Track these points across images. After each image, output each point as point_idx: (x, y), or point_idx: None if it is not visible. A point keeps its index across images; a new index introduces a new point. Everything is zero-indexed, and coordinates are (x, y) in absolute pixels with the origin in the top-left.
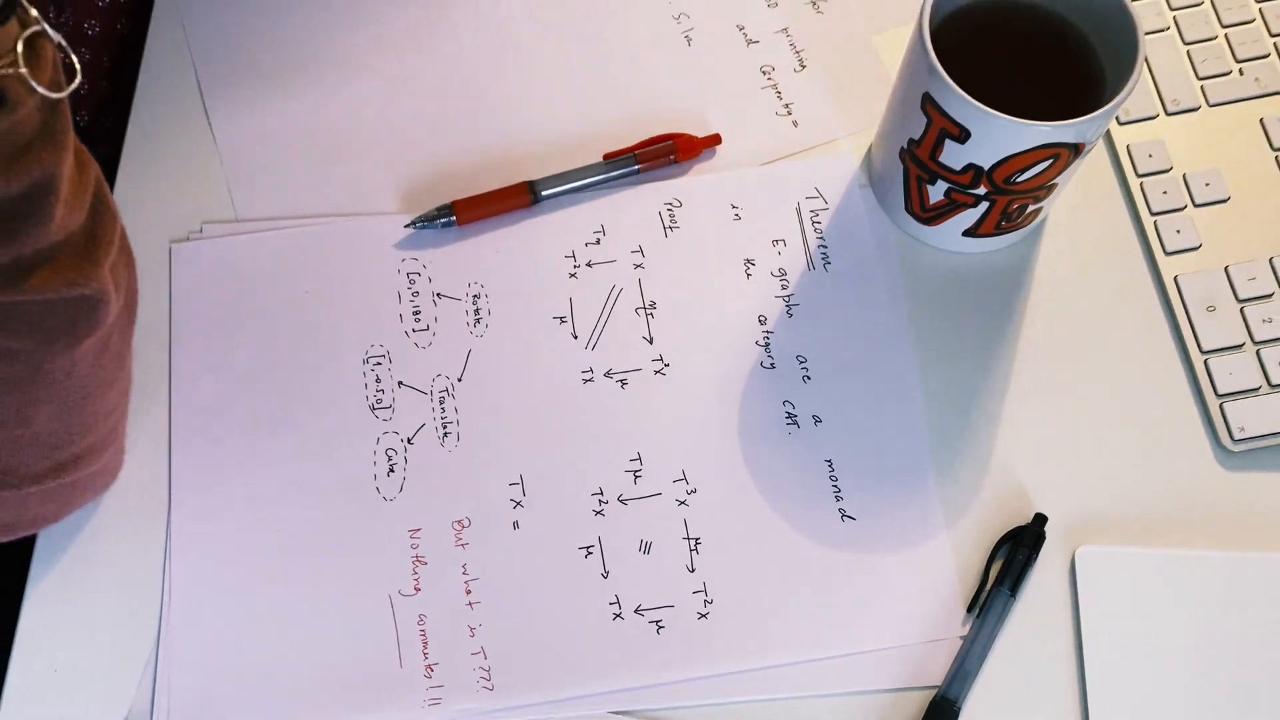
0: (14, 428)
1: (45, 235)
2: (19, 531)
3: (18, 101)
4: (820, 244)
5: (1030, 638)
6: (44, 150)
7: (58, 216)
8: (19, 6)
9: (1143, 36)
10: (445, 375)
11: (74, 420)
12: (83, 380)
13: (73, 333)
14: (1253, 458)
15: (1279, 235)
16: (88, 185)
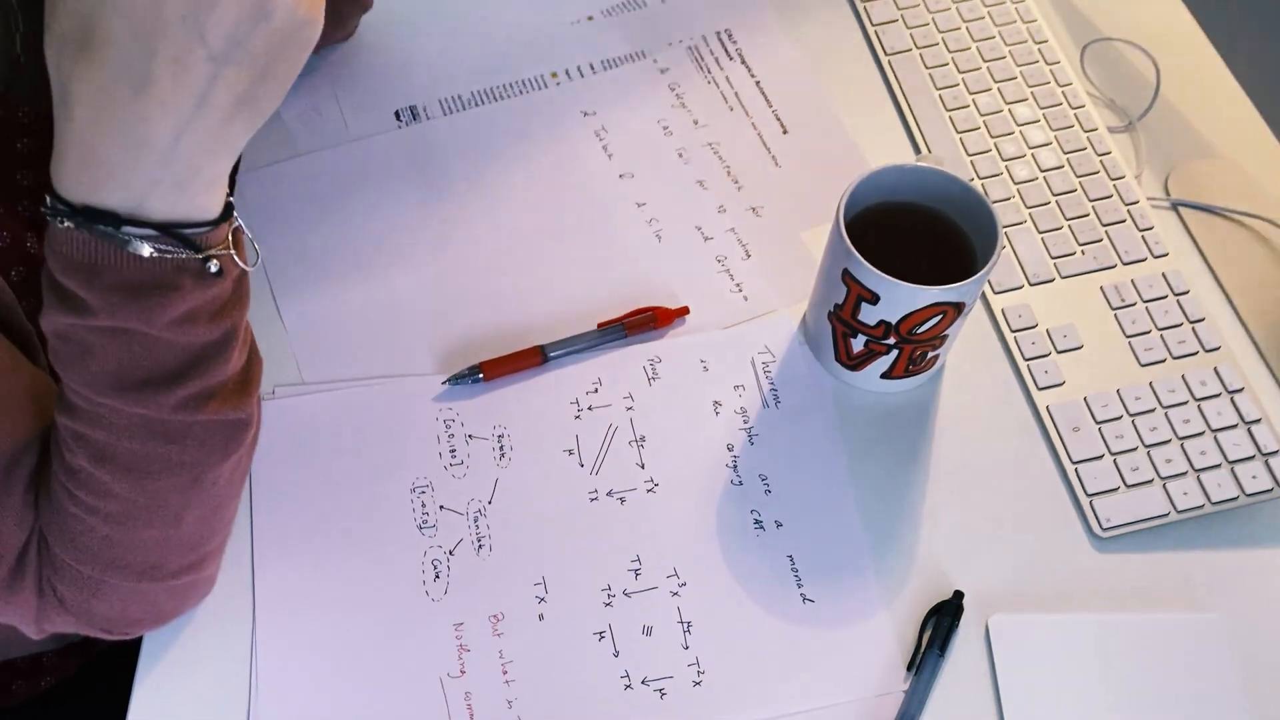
0: (170, 527)
1: (225, 371)
2: (144, 627)
3: (227, 273)
4: (771, 388)
5: (958, 687)
6: (235, 308)
7: (234, 357)
8: (232, 208)
9: (1002, 228)
10: (478, 499)
11: (210, 524)
12: (223, 490)
13: (225, 450)
14: (1118, 541)
15: (1122, 372)
16: (249, 334)
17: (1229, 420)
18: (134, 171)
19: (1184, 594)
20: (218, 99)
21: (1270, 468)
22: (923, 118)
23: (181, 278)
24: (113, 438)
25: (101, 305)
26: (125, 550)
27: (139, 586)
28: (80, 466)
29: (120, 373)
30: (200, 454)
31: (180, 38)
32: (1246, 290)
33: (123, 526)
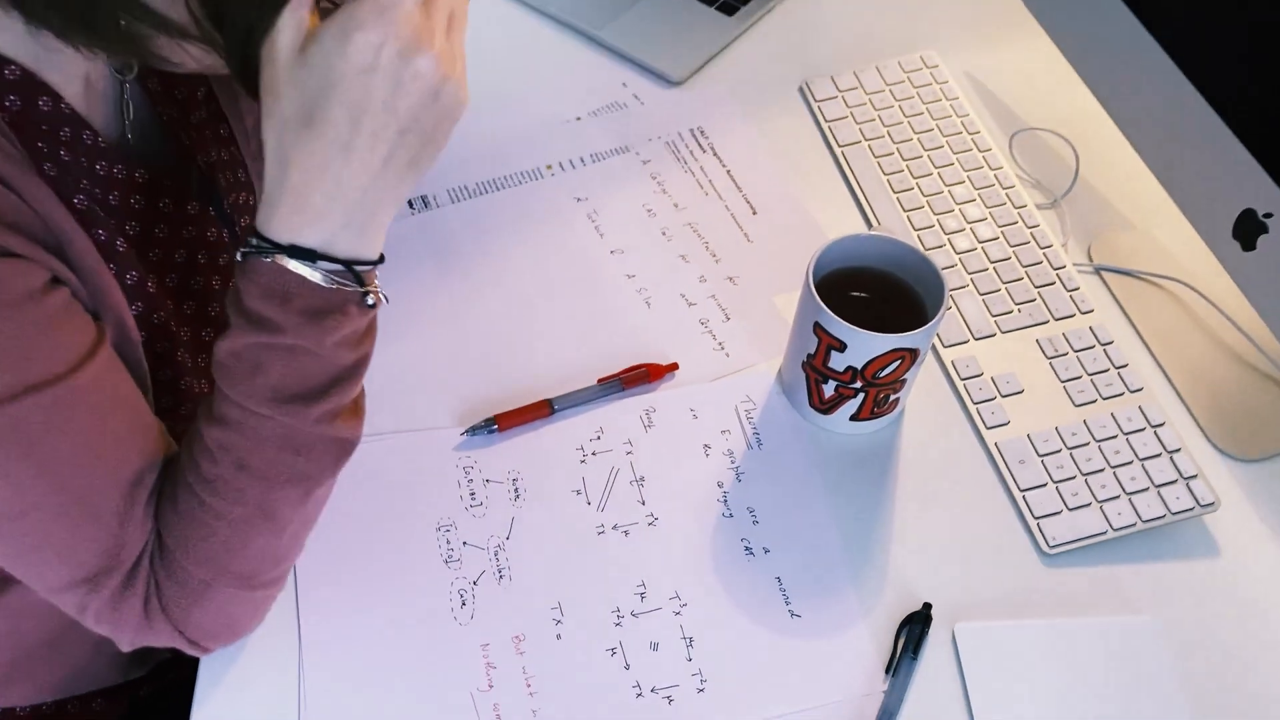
0: (274, 536)
1: (353, 392)
2: (223, 640)
3: (375, 306)
4: (754, 432)
5: (931, 686)
6: (368, 337)
7: (360, 382)
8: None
9: (947, 286)
10: (497, 535)
11: (298, 540)
12: (313, 509)
13: (334, 467)
14: (1064, 557)
15: (1059, 412)
16: None
17: (1153, 450)
18: (331, 217)
19: (1122, 600)
20: (397, 161)
21: (1190, 489)
22: (873, 198)
23: (349, 305)
24: (255, 445)
25: (289, 325)
26: (237, 556)
27: (236, 594)
28: (218, 475)
29: (281, 386)
30: (317, 468)
31: (380, 116)
32: (1162, 339)
33: (240, 533)
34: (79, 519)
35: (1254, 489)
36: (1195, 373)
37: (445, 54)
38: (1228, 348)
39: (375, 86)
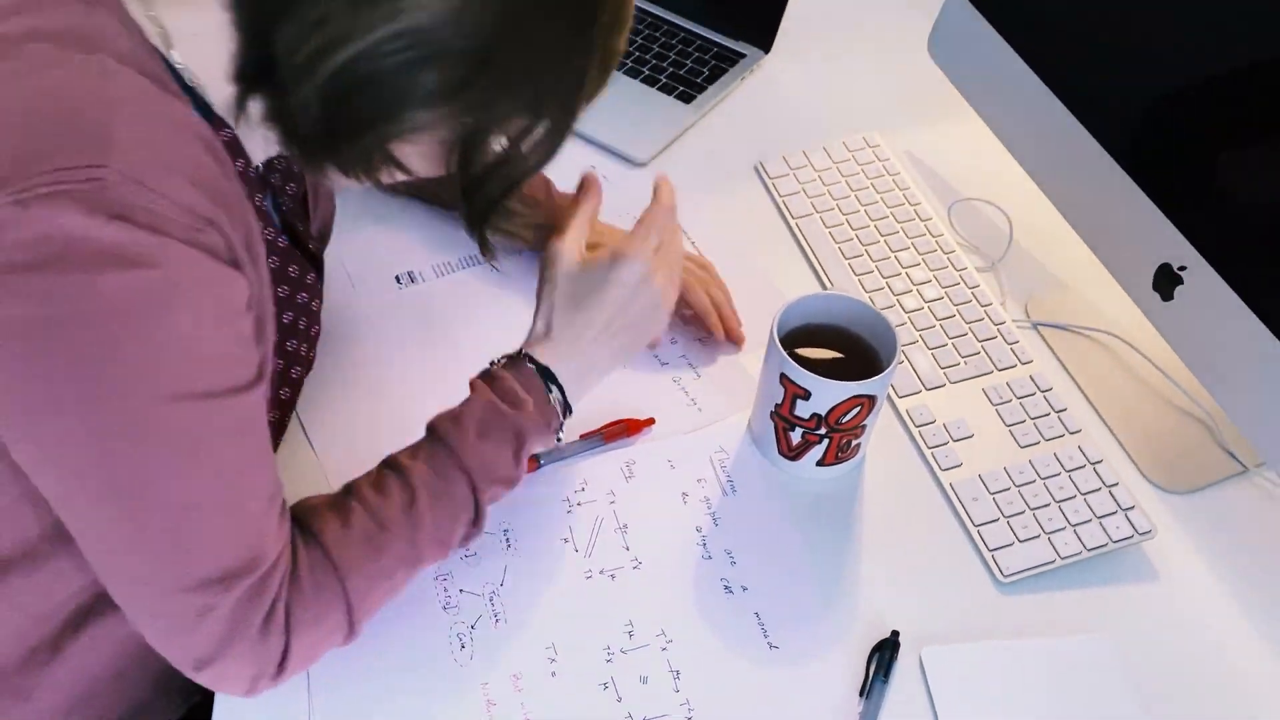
0: (401, 583)
1: (499, 496)
2: (296, 671)
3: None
4: (728, 479)
5: (902, 708)
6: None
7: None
8: None
9: (899, 339)
10: (491, 583)
11: (392, 596)
12: (415, 570)
13: (450, 536)
14: (1018, 584)
15: (1006, 453)
16: None
17: (1094, 485)
18: (585, 378)
19: (1073, 622)
20: (622, 343)
21: (1129, 519)
22: (827, 265)
23: (553, 421)
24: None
25: (523, 408)
26: (376, 590)
27: (340, 627)
28: (401, 511)
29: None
30: (451, 530)
31: (623, 316)
32: (1096, 385)
33: (389, 569)
34: (234, 518)
35: (1186, 519)
36: (1128, 415)
37: (663, 273)
38: (1155, 391)
39: (624, 298)
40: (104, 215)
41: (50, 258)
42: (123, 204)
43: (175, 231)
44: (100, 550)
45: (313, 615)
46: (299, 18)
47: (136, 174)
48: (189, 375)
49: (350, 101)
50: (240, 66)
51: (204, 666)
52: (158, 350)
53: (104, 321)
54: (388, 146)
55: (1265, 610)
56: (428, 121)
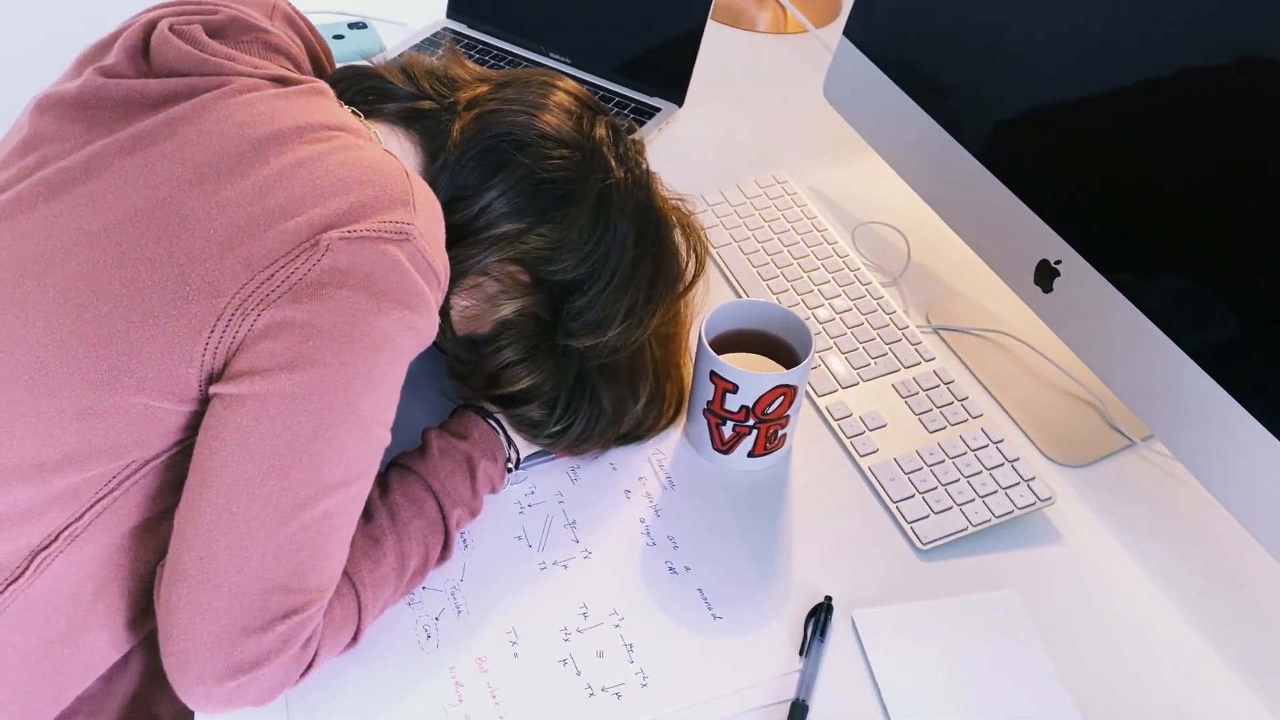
0: (392, 595)
1: (466, 521)
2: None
3: (510, 470)
4: (667, 476)
5: (839, 664)
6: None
7: (465, 523)
8: None
9: (813, 335)
10: (452, 579)
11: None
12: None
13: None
14: (936, 551)
15: (917, 438)
16: None
17: (997, 460)
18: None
19: (988, 580)
20: None
21: (1031, 489)
22: (747, 286)
23: (499, 452)
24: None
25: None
26: (378, 595)
27: (346, 634)
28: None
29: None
30: (429, 545)
31: None
32: (993, 377)
33: (391, 578)
34: (346, 541)
35: (1083, 488)
36: (1024, 401)
37: None
38: (1047, 379)
39: None
40: (408, 262)
41: (361, 282)
42: (420, 258)
43: (434, 290)
44: (220, 533)
45: (335, 626)
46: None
47: (427, 235)
48: (389, 406)
49: None
50: None
51: (242, 673)
52: (393, 380)
53: (378, 343)
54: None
55: (1156, 564)
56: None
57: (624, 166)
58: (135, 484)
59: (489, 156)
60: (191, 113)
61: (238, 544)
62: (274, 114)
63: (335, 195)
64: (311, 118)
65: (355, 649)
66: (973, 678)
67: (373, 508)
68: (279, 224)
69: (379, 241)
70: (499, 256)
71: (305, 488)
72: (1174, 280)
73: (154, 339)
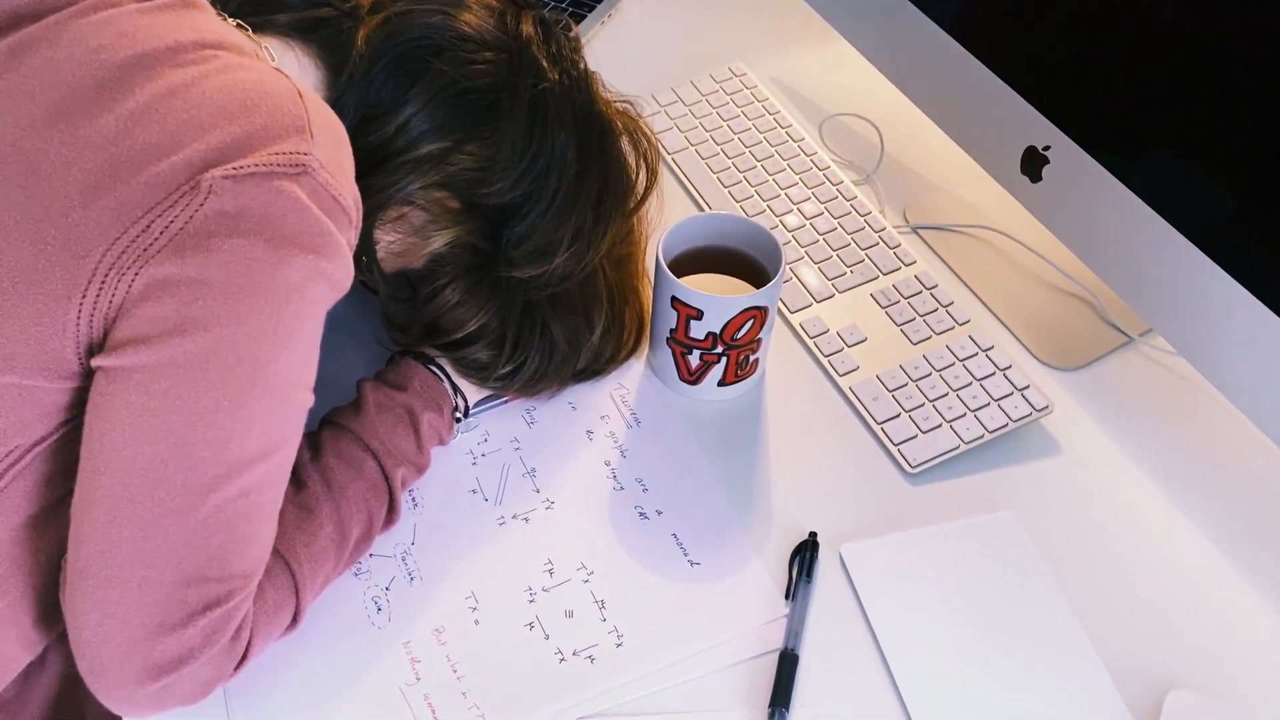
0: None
1: (413, 479)
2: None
3: (458, 420)
4: (631, 413)
5: (829, 603)
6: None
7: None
8: None
9: (782, 248)
10: (402, 542)
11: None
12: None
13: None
14: (926, 474)
15: (900, 351)
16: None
17: (988, 370)
18: None
19: (983, 502)
20: None
21: (1025, 398)
22: (707, 195)
23: (443, 401)
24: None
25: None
26: (316, 571)
27: (284, 619)
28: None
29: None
30: (372, 510)
31: None
32: (979, 278)
33: (331, 551)
34: (271, 521)
35: (1081, 392)
36: (1013, 302)
37: None
38: (1036, 277)
39: None
40: (308, 199)
41: (253, 227)
42: (323, 192)
43: (345, 229)
44: (122, 524)
45: (269, 611)
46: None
47: (329, 166)
48: (305, 365)
49: None
50: None
51: (165, 673)
52: (306, 336)
53: (281, 296)
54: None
55: (1162, 470)
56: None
57: (558, 68)
58: (22, 472)
59: (402, 66)
60: (39, 37)
61: (142, 535)
62: (138, 33)
63: (215, 127)
64: (183, 36)
65: (297, 631)
66: (972, 609)
67: (304, 474)
68: (151, 165)
69: (271, 178)
70: (423, 182)
71: (213, 467)
72: (1169, 158)
73: (16, 311)
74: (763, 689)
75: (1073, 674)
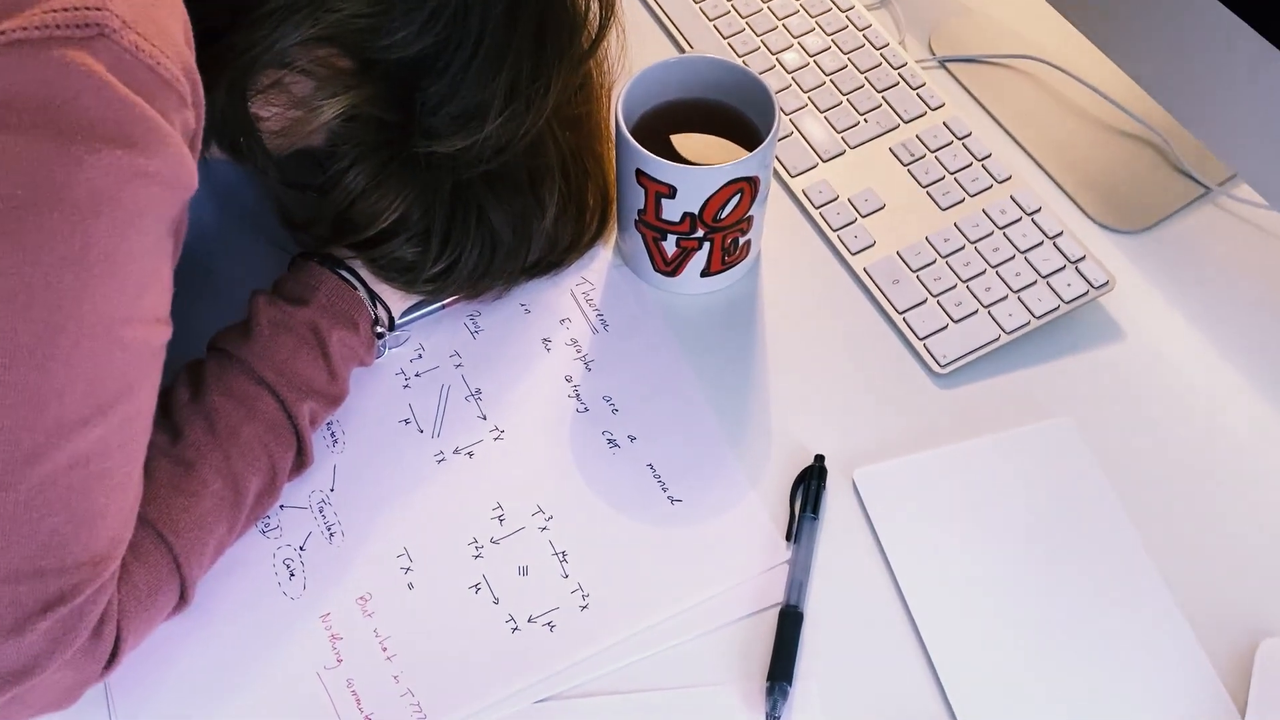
0: (229, 532)
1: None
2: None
3: (380, 336)
4: (597, 314)
5: (839, 544)
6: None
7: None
8: None
9: (775, 98)
10: (319, 489)
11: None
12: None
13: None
14: (959, 374)
15: (927, 220)
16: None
17: (1034, 239)
18: None
19: (1031, 408)
20: None
21: (1081, 273)
22: (687, 31)
23: (358, 313)
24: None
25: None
26: (203, 539)
27: (172, 598)
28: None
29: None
30: (274, 455)
31: None
32: (1022, 122)
33: (222, 512)
34: (123, 492)
35: (1146, 261)
36: (1064, 150)
37: None
38: (1093, 117)
39: None
40: (108, 73)
41: (31, 120)
42: (132, 61)
43: (175, 108)
44: None
45: (142, 595)
46: None
47: (139, 23)
48: (144, 291)
49: None
50: None
51: (8, 686)
52: (136, 254)
53: (86, 207)
54: None
55: (1250, 355)
56: None
57: None
58: None
59: None
60: None
61: None
62: None
63: None
64: None
65: (189, 609)
66: (1020, 547)
67: (180, 419)
68: None
69: (49, 45)
70: (299, 36)
71: (28, 435)
72: None
73: None
74: (759, 656)
75: (1146, 624)
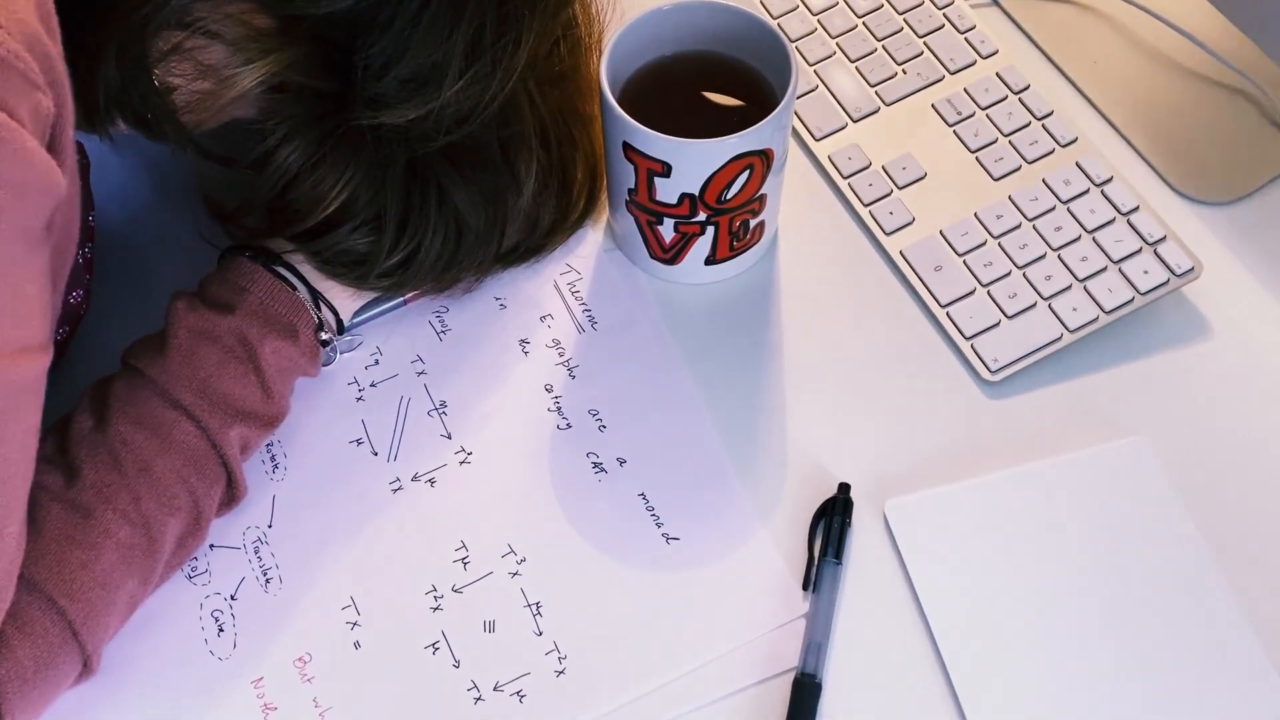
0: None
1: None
2: None
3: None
4: (584, 309)
5: (868, 596)
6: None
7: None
8: None
9: (792, 51)
10: (255, 526)
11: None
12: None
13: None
14: (1012, 382)
15: (976, 192)
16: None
17: (1105, 216)
18: None
19: (1098, 424)
20: None
21: (1160, 256)
22: None
23: (297, 317)
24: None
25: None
26: (105, 599)
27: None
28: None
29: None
30: (196, 494)
31: None
32: (1091, 72)
33: (129, 564)
34: None
35: (1239, 239)
36: (1141, 106)
37: None
38: (1177, 65)
39: None
40: None
41: None
42: None
43: (25, 90)
44: None
45: (28, 672)
46: None
47: None
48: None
49: None
50: None
51: None
52: None
53: None
54: None
55: None
56: None
57: None
58: None
59: None
60: None
61: None
62: None
63: None
64: None
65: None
66: (1086, 593)
67: (78, 455)
68: None
69: None
70: None
71: None
72: None
73: None
74: None
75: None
